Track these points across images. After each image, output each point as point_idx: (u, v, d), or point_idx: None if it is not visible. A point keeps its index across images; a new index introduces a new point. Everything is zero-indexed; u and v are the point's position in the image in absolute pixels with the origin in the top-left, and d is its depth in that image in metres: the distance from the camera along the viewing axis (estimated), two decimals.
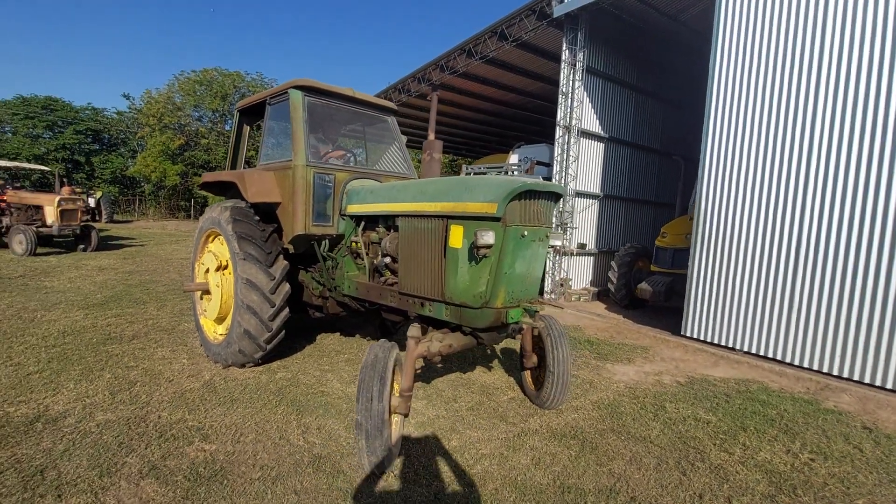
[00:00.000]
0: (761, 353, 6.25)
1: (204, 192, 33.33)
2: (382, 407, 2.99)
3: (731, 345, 6.61)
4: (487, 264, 3.29)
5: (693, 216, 8.52)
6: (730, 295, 6.64)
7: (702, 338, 6.97)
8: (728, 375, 5.66)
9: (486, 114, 18.40)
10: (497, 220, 3.22)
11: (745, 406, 4.65)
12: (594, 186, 11.21)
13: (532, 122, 19.21)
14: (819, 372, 5.75)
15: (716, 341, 6.79)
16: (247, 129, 6.02)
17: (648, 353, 6.49)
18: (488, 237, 3.07)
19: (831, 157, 5.72)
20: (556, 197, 3.60)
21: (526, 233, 3.32)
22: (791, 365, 5.95)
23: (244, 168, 5.95)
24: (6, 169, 18.19)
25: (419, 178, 5.17)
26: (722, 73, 6.80)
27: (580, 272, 11.28)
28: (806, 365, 5.82)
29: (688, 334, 7.15)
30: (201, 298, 5.35)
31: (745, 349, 6.43)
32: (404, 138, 5.70)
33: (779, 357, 6.07)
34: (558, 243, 3.81)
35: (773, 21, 6.26)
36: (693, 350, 6.74)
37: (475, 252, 3.20)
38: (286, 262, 4.73)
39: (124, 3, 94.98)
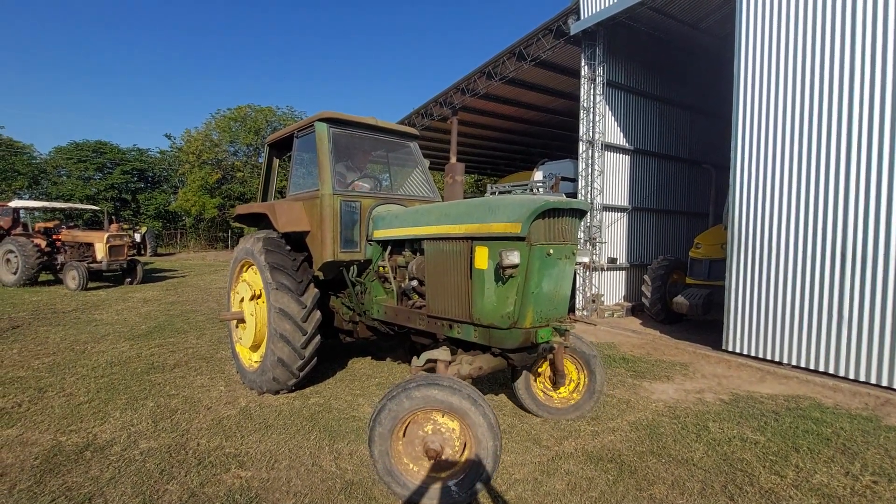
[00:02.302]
0: (811, 366, 5.89)
1: (239, 224, 34.75)
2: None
3: (777, 359, 6.26)
4: (514, 284, 3.29)
5: (727, 225, 8.23)
6: (772, 306, 6.32)
7: (745, 352, 6.64)
8: (776, 392, 5.36)
9: (509, 132, 18.53)
10: (521, 239, 3.22)
11: (796, 424, 4.37)
12: (622, 199, 11.02)
13: (555, 137, 19.19)
14: (878, 386, 5.35)
15: (760, 355, 6.45)
16: (276, 161, 6.28)
17: (688, 370, 6.22)
18: (513, 257, 3.08)
19: (873, 155, 5.44)
20: (580, 213, 3.58)
21: (552, 251, 3.30)
22: (846, 379, 5.58)
23: (275, 199, 6.18)
24: (61, 210, 19.51)
25: (442, 200, 5.24)
26: (747, 77, 6.65)
27: (612, 287, 11.02)
28: (862, 378, 5.44)
29: (729, 349, 6.83)
30: (237, 326, 5.53)
31: (794, 363, 6.08)
32: (427, 162, 5.81)
33: (831, 371, 5.70)
34: (585, 260, 3.80)
35: (798, 19, 6.10)
36: (736, 365, 6.42)
37: (501, 272, 3.20)
38: (317, 291, 4.84)
39: (164, 51, 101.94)
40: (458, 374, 3.45)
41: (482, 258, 3.41)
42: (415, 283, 4.33)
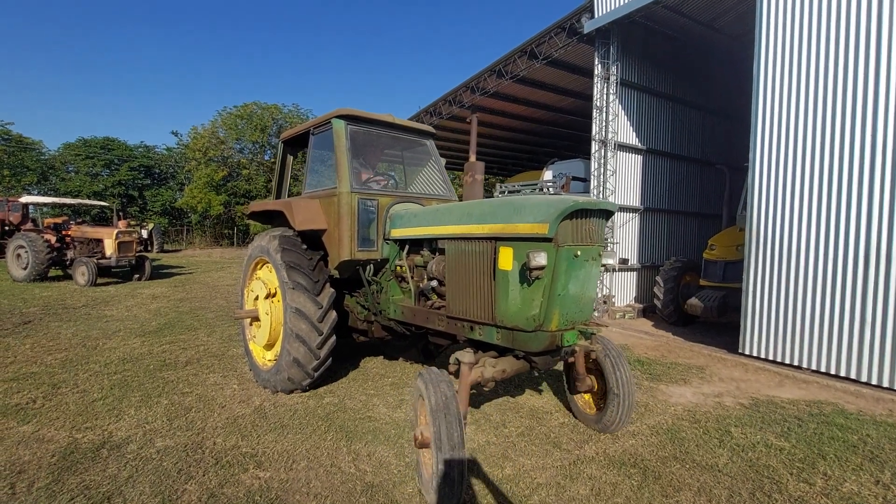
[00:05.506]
0: (832, 371, 5.79)
1: (246, 220, 34.50)
2: (465, 451, 2.92)
3: (795, 363, 6.16)
4: (540, 286, 3.22)
5: (742, 226, 8.12)
6: (791, 309, 6.22)
7: (762, 356, 6.54)
8: (796, 396, 5.27)
9: (517, 132, 18.44)
10: (549, 240, 3.15)
11: (820, 431, 4.29)
12: (634, 200, 10.92)
13: (564, 137, 19.09)
14: None
15: (778, 359, 6.35)
16: (290, 159, 6.23)
17: (704, 373, 6.14)
18: (541, 258, 3.01)
19: None
20: (607, 214, 3.51)
21: (579, 252, 3.23)
22: (867, 384, 5.47)
23: (287, 197, 6.13)
24: (70, 206, 19.58)
25: (460, 200, 5.18)
26: (767, 75, 6.53)
27: (623, 288, 10.93)
28: (885, 384, 5.33)
29: (746, 352, 6.73)
30: (250, 324, 5.49)
31: (813, 368, 5.98)
32: (443, 161, 5.75)
33: (853, 376, 5.60)
34: (611, 262, 3.69)
35: (822, 16, 5.99)
36: (753, 369, 6.33)
37: (527, 274, 3.13)
38: (333, 290, 4.79)
39: (171, 48, 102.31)
40: (481, 376, 3.39)
41: (506, 259, 3.34)
42: (434, 283, 4.27)
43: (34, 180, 36.11)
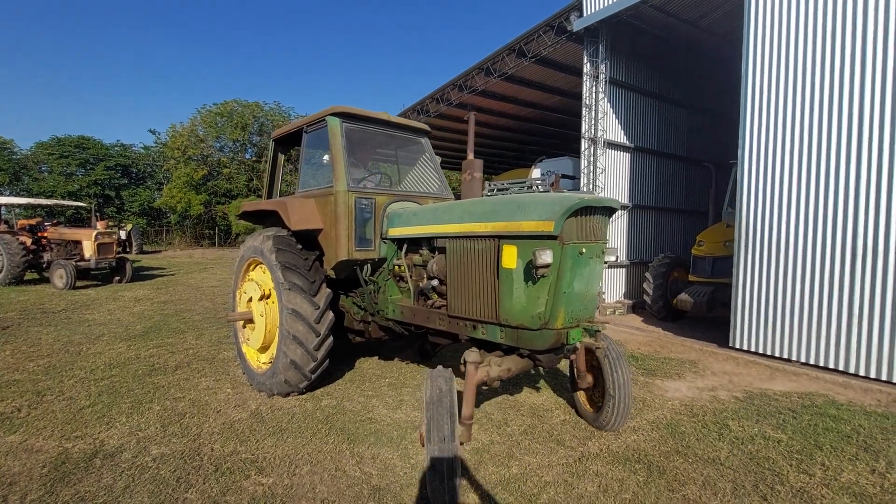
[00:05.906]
0: (821, 363, 5.93)
1: (227, 220, 33.73)
2: (455, 445, 2.86)
3: (785, 356, 6.30)
4: (545, 284, 3.21)
5: (729, 223, 8.27)
6: (781, 303, 6.36)
7: (752, 349, 6.67)
8: (788, 389, 5.38)
9: (504, 129, 18.48)
10: (553, 238, 3.14)
11: (814, 422, 4.38)
12: (622, 197, 11.04)
13: (551, 135, 19.19)
14: (889, 382, 5.39)
15: (768, 353, 6.48)
16: (282, 157, 6.11)
17: (697, 368, 6.23)
18: (547, 256, 3.00)
19: (884, 148, 5.44)
20: (610, 211, 3.51)
21: (584, 250, 3.23)
22: (856, 376, 5.62)
23: (278, 196, 6.00)
24: (45, 206, 18.93)
25: (457, 198, 5.14)
26: (755, 71, 6.63)
27: (613, 285, 11.04)
28: (873, 375, 5.49)
29: (737, 346, 6.86)
30: (244, 327, 5.36)
31: (803, 360, 6.11)
32: (438, 159, 5.71)
33: (841, 367, 5.75)
34: (613, 259, 3.70)
35: (808, 13, 6.11)
36: (744, 363, 6.45)
37: (533, 272, 3.12)
38: (329, 291, 4.71)
39: (148, 45, 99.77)
40: (487, 375, 3.37)
41: (510, 257, 3.33)
42: (434, 282, 4.22)
43: (6, 180, 34.88)
